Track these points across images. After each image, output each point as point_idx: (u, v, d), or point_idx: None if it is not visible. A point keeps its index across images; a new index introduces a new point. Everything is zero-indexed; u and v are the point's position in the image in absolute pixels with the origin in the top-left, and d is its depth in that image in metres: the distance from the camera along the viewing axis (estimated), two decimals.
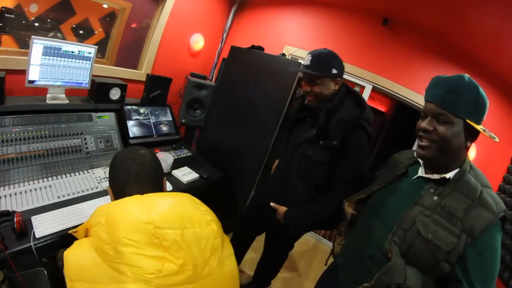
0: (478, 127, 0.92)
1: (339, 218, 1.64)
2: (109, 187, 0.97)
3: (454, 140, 0.93)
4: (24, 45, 2.06)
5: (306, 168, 1.57)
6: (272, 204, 1.70)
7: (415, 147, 1.24)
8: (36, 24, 2.15)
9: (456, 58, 2.72)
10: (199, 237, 0.79)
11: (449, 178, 0.97)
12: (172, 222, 0.76)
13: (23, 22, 2.05)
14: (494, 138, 0.98)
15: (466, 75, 0.94)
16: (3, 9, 1.86)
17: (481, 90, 0.92)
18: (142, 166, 0.93)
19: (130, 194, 0.84)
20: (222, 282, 0.83)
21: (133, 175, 0.91)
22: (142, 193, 0.85)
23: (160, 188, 0.97)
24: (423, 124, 0.98)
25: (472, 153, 2.72)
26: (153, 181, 0.94)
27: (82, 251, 0.76)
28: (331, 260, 1.50)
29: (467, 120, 0.91)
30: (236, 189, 2.72)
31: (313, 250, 3.28)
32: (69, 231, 0.97)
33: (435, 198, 0.96)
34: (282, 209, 1.65)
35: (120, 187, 0.91)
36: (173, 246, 0.73)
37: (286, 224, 1.64)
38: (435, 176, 0.99)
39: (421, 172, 1.05)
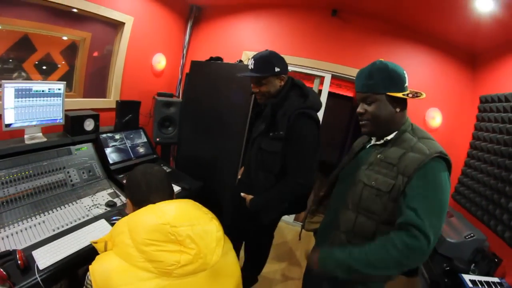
0: (399, 95, 1.12)
1: (300, 201, 1.90)
2: (128, 199, 1.14)
3: (383, 112, 1.14)
4: None
5: (262, 159, 1.74)
6: (242, 194, 1.85)
7: None
8: None
9: (406, 34, 3.00)
10: (205, 231, 0.96)
11: (390, 139, 1.19)
12: (183, 221, 0.92)
13: None
14: (420, 96, 1.13)
15: (378, 60, 1.16)
16: None
17: (391, 65, 1.13)
18: (160, 179, 1.13)
19: (153, 202, 1.01)
20: (227, 270, 1.02)
21: (154, 186, 1.10)
22: (162, 200, 1.02)
23: (173, 196, 1.16)
24: (358, 109, 1.20)
25: (437, 119, 3.00)
26: (169, 191, 1.14)
27: (108, 261, 0.90)
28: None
29: (388, 93, 1.11)
30: (219, 194, 2.83)
31: (306, 240, 3.31)
32: (90, 241, 1.10)
33: (378, 156, 1.18)
34: (249, 197, 1.79)
35: (143, 197, 1.07)
36: (186, 239, 0.89)
37: (253, 210, 1.79)
38: (380, 141, 1.22)
39: (373, 141, 1.29)
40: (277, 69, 1.63)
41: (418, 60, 3.07)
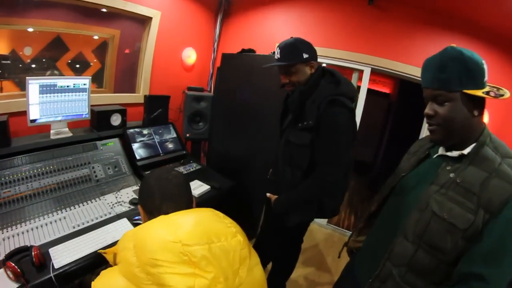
0: (479, 93, 0.86)
1: (332, 202, 1.68)
2: (140, 206, 1.00)
3: (458, 115, 0.89)
4: (25, 87, 2.12)
5: (290, 153, 1.58)
6: (267, 194, 1.72)
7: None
8: (33, 66, 2.22)
9: (448, 23, 2.67)
10: (226, 250, 0.80)
11: (467, 153, 0.93)
12: (199, 238, 0.77)
13: (20, 65, 2.13)
14: (503, 96, 0.89)
15: (449, 46, 0.90)
16: None
17: (466, 53, 0.87)
18: (177, 186, 0.98)
19: (167, 213, 0.87)
20: None
21: (169, 194, 0.95)
22: (177, 211, 0.88)
23: (191, 205, 1.00)
24: (426, 110, 0.96)
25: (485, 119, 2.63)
26: (186, 199, 0.98)
27: (111, 280, 0.77)
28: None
29: (464, 91, 0.87)
30: (251, 195, 2.72)
31: (338, 245, 3.16)
32: (99, 250, 1.03)
33: (451, 175, 0.92)
34: (274, 197, 1.66)
35: (155, 206, 0.93)
36: (202, 261, 0.74)
37: (275, 212, 1.65)
38: (453, 154, 0.95)
39: (441, 151, 1.02)
40: (305, 56, 1.49)
41: None
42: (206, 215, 0.88)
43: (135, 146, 2.28)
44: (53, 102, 1.93)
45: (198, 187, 2.11)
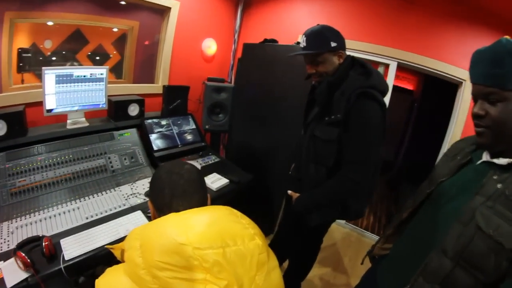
0: None
1: (358, 203, 1.56)
2: (150, 202, 0.93)
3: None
4: None
5: (315, 149, 1.47)
6: (289, 192, 1.63)
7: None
8: (54, 58, 2.23)
9: (482, 17, 2.44)
10: (243, 255, 0.71)
11: None
12: (212, 241, 0.69)
13: (41, 58, 2.14)
14: None
15: (504, 38, 0.77)
16: (20, 50, 1.96)
17: None
18: (190, 182, 0.89)
19: (177, 210, 0.79)
20: None
21: (180, 190, 0.87)
22: (188, 209, 0.80)
23: (205, 204, 0.92)
24: (475, 109, 0.84)
25: None
26: (199, 196, 0.90)
27: (116, 279, 0.71)
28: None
29: None
30: (270, 190, 2.64)
31: (356, 245, 3.08)
32: (106, 245, 0.97)
33: (499, 186, 0.80)
34: (295, 196, 1.57)
35: (165, 203, 0.86)
36: (214, 267, 0.66)
37: (296, 211, 1.56)
38: (501, 161, 0.83)
39: (485, 156, 0.89)
40: (333, 44, 1.38)
41: None
42: (221, 214, 0.80)
43: (152, 137, 2.23)
44: (70, 92, 1.91)
45: (216, 181, 2.04)
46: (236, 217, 0.81)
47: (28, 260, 1.13)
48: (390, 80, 2.88)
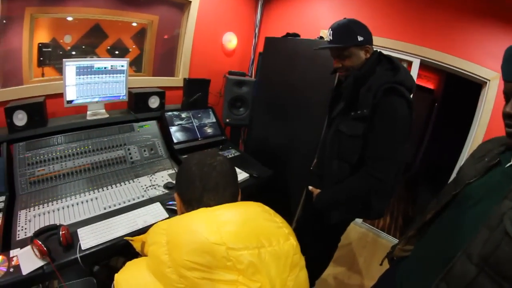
0: None
1: (380, 202, 1.50)
2: (177, 194, 0.86)
3: None
4: None
5: (340, 144, 1.44)
6: (310, 187, 1.59)
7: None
8: (73, 53, 2.23)
9: (508, 15, 2.27)
10: (277, 255, 0.67)
11: None
12: (248, 241, 0.64)
13: (60, 52, 2.14)
14: None
15: None
16: (40, 45, 1.97)
17: None
18: (223, 175, 0.82)
19: (207, 205, 0.75)
20: None
21: (213, 184, 0.79)
22: (219, 204, 0.74)
23: (236, 200, 0.86)
24: (507, 108, 0.80)
25: None
26: (232, 190, 0.83)
27: (137, 274, 0.67)
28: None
29: None
30: (288, 185, 2.56)
31: (372, 246, 2.96)
32: (126, 237, 0.93)
33: None
34: (316, 192, 1.53)
35: (195, 197, 0.79)
36: (249, 269, 0.62)
37: (317, 208, 1.52)
38: None
39: None
40: (360, 38, 1.36)
41: None
42: (255, 212, 0.74)
43: (172, 129, 2.18)
44: (90, 83, 1.90)
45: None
46: (270, 215, 0.76)
47: (45, 248, 1.11)
48: (413, 77, 2.71)
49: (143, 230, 1.34)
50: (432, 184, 4.06)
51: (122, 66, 2.03)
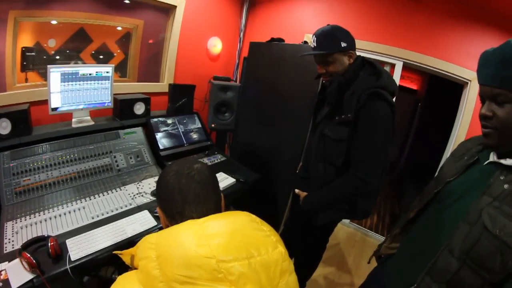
0: None
1: (365, 203, 1.56)
2: (159, 208, 0.84)
3: None
4: None
5: (325, 148, 1.48)
6: (296, 190, 1.62)
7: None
8: (57, 57, 2.20)
9: (488, 18, 2.41)
10: (267, 264, 0.68)
11: None
12: (237, 253, 0.65)
13: (44, 57, 2.11)
14: None
15: None
16: (24, 49, 1.93)
17: None
18: (202, 184, 0.80)
19: (191, 217, 0.75)
20: None
21: (192, 195, 0.78)
22: (203, 215, 0.74)
23: (220, 208, 0.85)
24: (482, 110, 0.84)
25: None
26: (214, 200, 0.82)
27: None
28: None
29: None
30: (275, 189, 2.62)
31: (360, 245, 3.07)
32: (114, 252, 0.89)
33: (506, 186, 0.81)
34: (303, 194, 1.57)
35: (176, 210, 0.78)
36: (240, 279, 0.63)
37: (304, 210, 1.56)
38: (508, 162, 0.83)
39: (492, 157, 0.89)
40: (343, 44, 1.39)
41: None
42: (242, 222, 0.74)
43: (158, 135, 2.19)
44: (75, 90, 1.88)
45: (222, 180, 2.00)
46: (257, 224, 0.76)
47: (34, 261, 1.10)
48: (396, 80, 2.83)
49: (132, 239, 1.36)
50: (417, 182, 4.16)
51: (107, 72, 2.03)
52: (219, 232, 0.67)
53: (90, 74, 1.94)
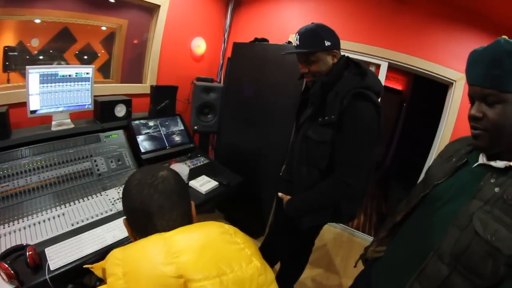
0: None
1: (351, 206, 1.54)
2: (125, 220, 0.79)
3: (510, 120, 0.76)
4: None
5: (308, 150, 1.44)
6: (279, 194, 1.60)
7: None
8: (41, 57, 2.17)
9: (471, 19, 2.48)
10: (241, 281, 0.64)
11: None
12: (207, 271, 0.62)
13: (27, 57, 2.07)
14: None
15: (502, 38, 0.75)
16: (6, 48, 1.90)
17: None
18: (167, 194, 0.75)
19: (156, 231, 0.71)
20: None
21: (156, 207, 0.73)
22: (169, 228, 0.70)
23: (190, 218, 0.81)
24: (472, 111, 0.82)
25: None
26: (181, 210, 0.77)
27: None
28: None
29: None
30: (260, 192, 2.64)
31: (347, 245, 3.12)
32: (85, 266, 0.85)
33: (496, 189, 0.78)
34: (286, 198, 1.54)
35: (140, 224, 0.74)
36: None
37: (288, 215, 1.54)
38: (498, 164, 0.81)
39: (481, 159, 0.87)
40: (327, 43, 1.36)
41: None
42: (213, 235, 0.70)
43: (140, 138, 2.20)
44: (55, 92, 1.86)
45: (205, 183, 2.02)
46: (230, 236, 0.72)
47: (12, 272, 1.09)
48: (381, 80, 2.88)
49: (112, 246, 1.36)
50: (403, 181, 4.26)
51: (88, 73, 2.01)
52: (188, 247, 0.64)
53: (69, 75, 1.92)
